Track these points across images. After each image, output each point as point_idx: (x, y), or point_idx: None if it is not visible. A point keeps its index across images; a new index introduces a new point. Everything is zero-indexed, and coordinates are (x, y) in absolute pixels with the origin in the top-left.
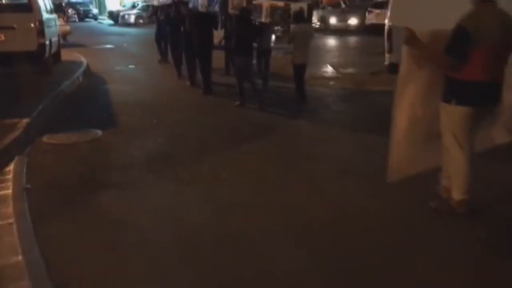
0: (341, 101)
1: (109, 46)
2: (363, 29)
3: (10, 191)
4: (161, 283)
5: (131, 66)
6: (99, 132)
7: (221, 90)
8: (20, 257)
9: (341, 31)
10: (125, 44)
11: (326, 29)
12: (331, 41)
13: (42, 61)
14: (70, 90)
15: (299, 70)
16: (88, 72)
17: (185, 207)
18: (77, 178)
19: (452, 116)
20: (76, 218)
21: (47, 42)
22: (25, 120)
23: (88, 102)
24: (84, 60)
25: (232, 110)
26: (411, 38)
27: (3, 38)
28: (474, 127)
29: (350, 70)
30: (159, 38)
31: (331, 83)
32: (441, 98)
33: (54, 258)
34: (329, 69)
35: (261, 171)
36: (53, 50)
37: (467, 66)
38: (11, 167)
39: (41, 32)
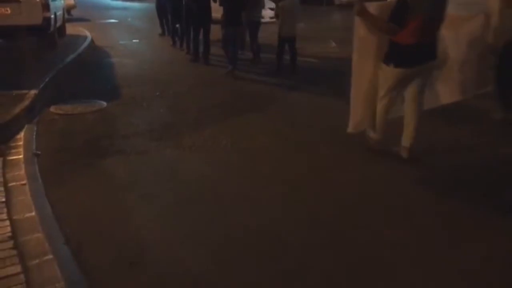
0: (341, 74)
1: (113, 20)
2: None
3: (21, 156)
4: (162, 233)
5: (134, 40)
6: (104, 103)
7: (222, 63)
8: (33, 213)
9: (348, 7)
10: (129, 19)
11: (333, 5)
12: (337, 17)
13: (47, 34)
14: (75, 63)
15: (290, 43)
16: (92, 46)
17: (186, 169)
18: (83, 144)
19: (388, 76)
20: (83, 179)
21: (52, 16)
22: (33, 91)
23: (93, 75)
24: (88, 34)
25: (232, 82)
26: (362, 10)
27: (9, 11)
28: (407, 84)
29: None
30: (160, 11)
31: (333, 57)
32: (382, 59)
33: (64, 213)
34: (332, 45)
35: (258, 138)
36: (58, 24)
37: (405, 31)
38: (21, 134)
39: (46, 6)
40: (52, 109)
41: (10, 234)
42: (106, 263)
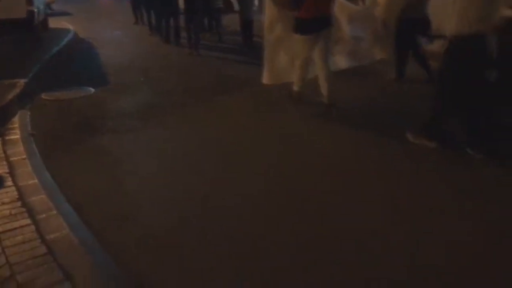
0: None
1: (94, 14)
2: None
3: (18, 136)
4: (149, 196)
5: (117, 32)
6: (92, 89)
7: (201, 49)
8: (35, 180)
9: None
10: (110, 12)
11: None
12: None
13: (31, 27)
14: (61, 55)
15: (248, 24)
16: (76, 38)
17: (170, 144)
18: (75, 125)
19: (298, 42)
20: (77, 154)
21: (36, 10)
22: (23, 80)
23: (79, 65)
24: (71, 27)
25: (211, 67)
26: None
27: None
28: (313, 47)
29: None
30: (134, 2)
31: None
32: (292, 31)
33: (62, 181)
34: None
35: (235, 116)
36: (40, 18)
37: (303, 8)
38: (16, 118)
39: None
40: (43, 96)
41: (17, 196)
42: (103, 217)
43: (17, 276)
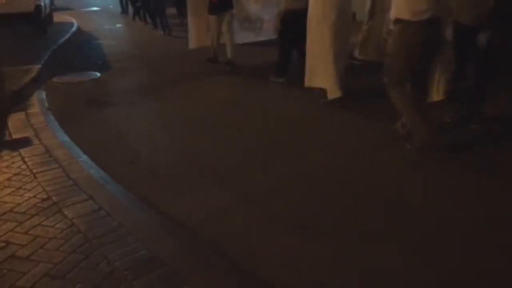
0: None
1: (95, 8)
2: None
3: (38, 110)
4: (150, 146)
5: (118, 25)
6: (98, 74)
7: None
8: (57, 140)
9: None
10: (111, 6)
11: None
12: None
13: (39, 21)
14: (67, 45)
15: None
16: (80, 31)
17: (166, 112)
18: (85, 101)
19: (210, 20)
20: (89, 121)
21: (42, 4)
22: (37, 66)
23: (84, 54)
24: (74, 21)
25: (201, 54)
26: None
27: (3, 0)
28: (220, 24)
29: None
30: None
31: None
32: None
33: (78, 140)
34: None
35: (223, 92)
36: (47, 12)
37: None
38: (33, 96)
39: None
40: (55, 79)
41: (45, 150)
42: (113, 162)
43: (53, 197)
